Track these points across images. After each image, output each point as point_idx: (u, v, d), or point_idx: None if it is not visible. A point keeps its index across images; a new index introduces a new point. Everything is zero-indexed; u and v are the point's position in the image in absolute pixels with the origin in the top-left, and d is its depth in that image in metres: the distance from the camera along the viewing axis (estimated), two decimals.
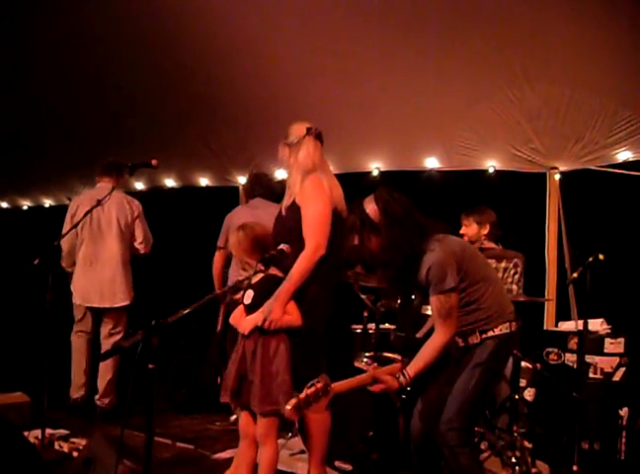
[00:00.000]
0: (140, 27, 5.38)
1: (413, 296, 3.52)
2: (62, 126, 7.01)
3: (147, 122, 6.49)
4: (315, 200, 3.60)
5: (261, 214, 4.96)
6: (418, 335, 3.60)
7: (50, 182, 8.48)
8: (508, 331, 3.17)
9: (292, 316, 3.51)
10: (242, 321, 3.60)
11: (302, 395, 2.80)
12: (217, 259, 5.49)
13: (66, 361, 5.50)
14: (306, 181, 3.63)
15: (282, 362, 3.47)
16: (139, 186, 7.88)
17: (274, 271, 3.57)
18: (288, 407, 2.77)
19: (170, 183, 7.67)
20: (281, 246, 3.46)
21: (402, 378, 3.07)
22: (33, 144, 7.50)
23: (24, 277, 5.37)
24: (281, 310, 3.47)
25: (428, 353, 3.08)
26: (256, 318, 3.50)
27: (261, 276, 3.56)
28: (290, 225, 3.65)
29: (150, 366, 2.39)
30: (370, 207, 3.17)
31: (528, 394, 4.76)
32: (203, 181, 7.49)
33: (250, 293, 3.60)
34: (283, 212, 3.76)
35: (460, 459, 3.12)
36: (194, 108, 6.19)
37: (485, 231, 4.89)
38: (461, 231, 4.89)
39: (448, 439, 3.10)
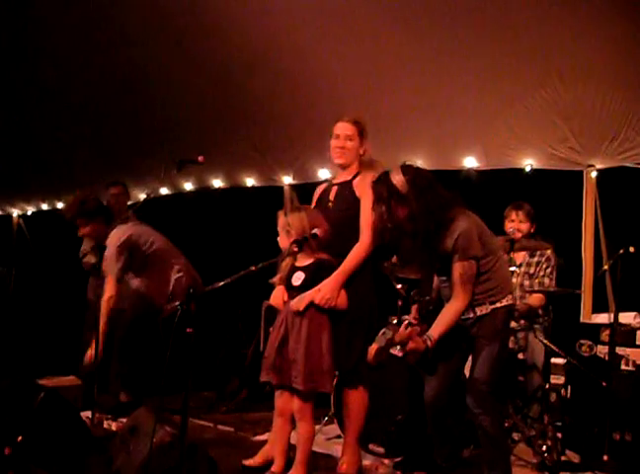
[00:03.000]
0: (186, 25, 5.64)
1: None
2: (107, 128, 7.28)
3: (194, 123, 6.70)
4: None
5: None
6: None
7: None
8: (512, 302, 3.43)
9: (341, 298, 3.70)
10: (296, 299, 3.71)
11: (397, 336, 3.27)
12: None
13: None
14: (369, 177, 3.78)
15: (325, 343, 3.64)
16: (188, 186, 8.05)
17: (323, 255, 3.74)
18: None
19: (217, 183, 7.80)
20: (315, 230, 3.64)
21: (428, 341, 3.28)
22: (77, 146, 7.79)
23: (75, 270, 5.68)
24: (338, 290, 3.68)
25: (448, 317, 3.31)
26: (312, 295, 3.65)
27: (311, 260, 3.73)
28: (343, 213, 3.86)
29: (188, 330, 2.59)
30: (398, 179, 3.36)
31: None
32: (249, 181, 7.57)
33: (300, 275, 3.75)
34: (332, 197, 3.95)
35: (492, 422, 3.31)
36: (239, 108, 6.38)
37: (534, 227, 4.89)
38: (512, 226, 4.82)
39: (483, 400, 3.29)
